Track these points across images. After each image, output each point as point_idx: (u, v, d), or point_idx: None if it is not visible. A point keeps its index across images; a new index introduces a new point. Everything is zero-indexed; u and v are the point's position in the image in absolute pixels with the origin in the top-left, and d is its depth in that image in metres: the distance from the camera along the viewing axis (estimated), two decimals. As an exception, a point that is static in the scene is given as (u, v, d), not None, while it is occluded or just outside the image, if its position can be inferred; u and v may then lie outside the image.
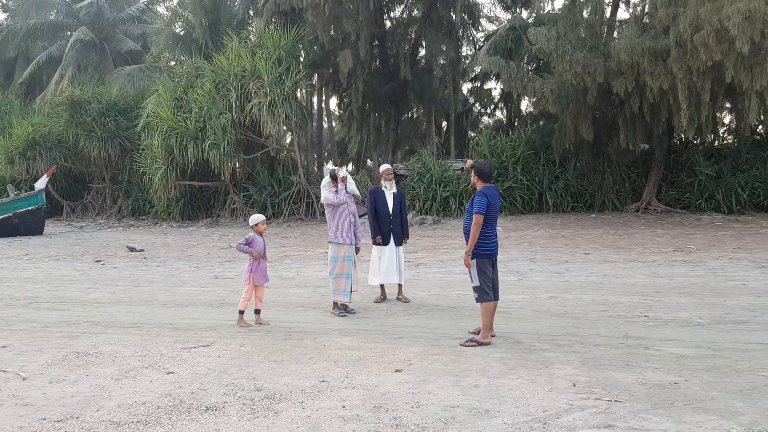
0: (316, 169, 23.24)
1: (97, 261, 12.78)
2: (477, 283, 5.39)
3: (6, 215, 19.11)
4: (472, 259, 5.42)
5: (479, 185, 5.53)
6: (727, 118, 20.05)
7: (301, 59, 21.28)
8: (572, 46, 15.04)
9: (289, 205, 19.80)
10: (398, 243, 7.66)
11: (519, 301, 7.30)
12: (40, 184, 19.89)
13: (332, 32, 19.98)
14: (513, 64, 17.00)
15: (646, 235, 13.25)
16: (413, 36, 23.16)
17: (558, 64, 15.35)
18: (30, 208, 19.43)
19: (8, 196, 20.53)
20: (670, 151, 17.93)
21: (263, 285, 6.59)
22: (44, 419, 3.83)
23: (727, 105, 18.01)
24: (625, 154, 17.53)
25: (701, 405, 3.74)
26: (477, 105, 30.33)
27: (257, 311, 6.53)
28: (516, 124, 24.79)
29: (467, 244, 5.46)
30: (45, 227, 20.21)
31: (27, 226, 19.26)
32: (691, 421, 3.48)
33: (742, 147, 17.43)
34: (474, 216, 5.36)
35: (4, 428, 3.68)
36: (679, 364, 4.61)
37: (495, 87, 27.88)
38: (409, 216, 16.98)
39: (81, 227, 21.92)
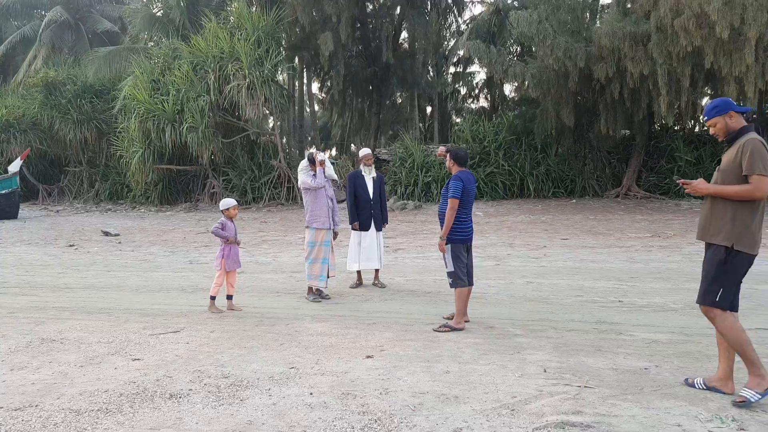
0: (297, 153, 23.03)
1: (71, 245, 12.53)
2: (451, 269, 5.33)
3: (-22, 199, 18.68)
4: (447, 244, 5.35)
5: (455, 169, 5.46)
6: (707, 104, 20.15)
7: (283, 42, 20.95)
8: (554, 31, 14.96)
9: (269, 189, 19.60)
10: (378, 228, 7.58)
11: (495, 287, 7.27)
12: (14, 167, 19.45)
13: (313, 14, 19.67)
14: (494, 48, 16.89)
15: (625, 221, 13.33)
16: (395, 19, 22.90)
17: (539, 49, 15.29)
18: (3, 191, 18.98)
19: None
20: (650, 137, 18.03)
21: (235, 271, 6.48)
22: (1, 408, 3.70)
23: (707, 90, 18.11)
24: (606, 140, 17.60)
25: (670, 391, 3.72)
26: (461, 90, 30.22)
27: (229, 297, 6.42)
28: (499, 109, 24.75)
29: (442, 228, 5.39)
30: (20, 211, 19.80)
31: (1, 209, 18.83)
32: (660, 407, 3.46)
33: (721, 133, 17.53)
34: (449, 200, 5.28)
35: (-42, 418, 3.55)
36: (650, 350, 4.60)
37: (478, 71, 27.81)
38: (391, 201, 16.91)
39: (57, 211, 21.53)
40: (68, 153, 24.57)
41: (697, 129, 19.27)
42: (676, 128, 18.67)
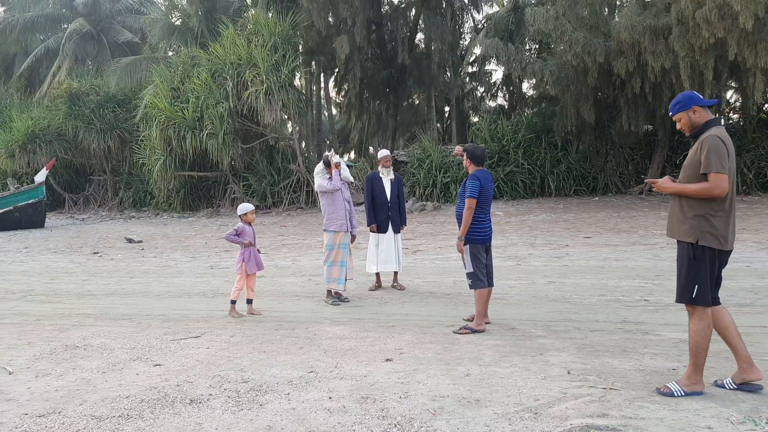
0: (316, 157, 23.09)
1: (95, 253, 12.72)
2: (470, 269, 5.27)
3: (7, 209, 19.07)
4: (465, 244, 5.29)
5: (471, 169, 5.41)
6: (732, 97, 19.76)
7: (299, 46, 21.05)
8: (572, 26, 14.77)
9: (288, 194, 19.70)
10: (396, 230, 7.53)
11: (516, 287, 7.17)
12: (40, 177, 19.83)
13: (328, 18, 19.73)
14: (511, 45, 16.74)
15: (650, 218, 13.07)
16: (410, 20, 22.85)
17: (557, 45, 15.11)
18: (30, 201, 19.38)
19: (9, 189, 20.52)
20: (673, 131, 17.65)
21: (255, 274, 6.49)
22: (26, 414, 3.74)
23: (732, 83, 17.71)
24: (628, 136, 17.31)
25: (699, 391, 3.61)
26: (479, 89, 30.04)
27: (249, 301, 6.43)
28: (518, 107, 24.54)
29: (460, 229, 5.34)
30: (47, 220, 20.20)
31: (28, 219, 19.23)
32: (689, 409, 3.36)
33: (747, 126, 17.16)
34: (466, 200, 5.23)
35: (-16, 425, 3.60)
36: (678, 350, 4.48)
37: (496, 69, 27.63)
38: (410, 202, 16.85)
39: (83, 219, 21.90)
40: (92, 162, 25.00)
41: (721, 123, 18.86)
42: (700, 122, 18.27)
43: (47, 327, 6.19)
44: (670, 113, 3.82)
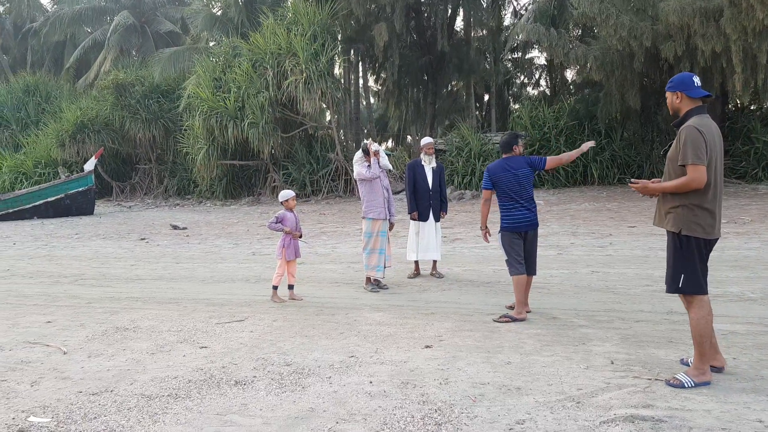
0: (354, 146, 23.16)
1: (142, 239, 13.12)
2: (505, 257, 5.31)
3: (58, 196, 19.89)
4: (499, 232, 5.38)
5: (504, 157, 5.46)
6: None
7: (338, 35, 21.07)
8: (617, 9, 14.31)
9: (327, 182, 19.84)
10: (437, 218, 7.52)
11: (558, 276, 7.07)
12: (89, 165, 20.52)
13: (367, 5, 19.66)
14: (554, 31, 16.35)
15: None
16: (450, 6, 22.57)
17: (602, 29, 14.67)
18: (80, 189, 20.13)
19: (60, 178, 21.33)
20: (724, 118, 17.01)
21: (294, 260, 6.59)
22: (80, 392, 3.91)
23: (788, 67, 16.88)
24: (675, 123, 16.76)
25: (749, 384, 3.51)
26: (520, 76, 29.46)
27: (290, 286, 6.54)
28: (560, 94, 24.01)
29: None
30: (96, 207, 20.92)
31: (78, 206, 19.99)
32: (738, 402, 3.27)
33: (803, 112, 16.40)
34: (483, 191, 5.38)
35: (43, 400, 3.78)
36: (727, 341, 4.35)
37: (538, 56, 27.06)
38: (448, 191, 16.74)
39: (129, 207, 22.58)
40: (138, 151, 25.71)
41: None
42: (752, 108, 17.55)
43: (98, 309, 6.44)
44: (666, 88, 3.79)
